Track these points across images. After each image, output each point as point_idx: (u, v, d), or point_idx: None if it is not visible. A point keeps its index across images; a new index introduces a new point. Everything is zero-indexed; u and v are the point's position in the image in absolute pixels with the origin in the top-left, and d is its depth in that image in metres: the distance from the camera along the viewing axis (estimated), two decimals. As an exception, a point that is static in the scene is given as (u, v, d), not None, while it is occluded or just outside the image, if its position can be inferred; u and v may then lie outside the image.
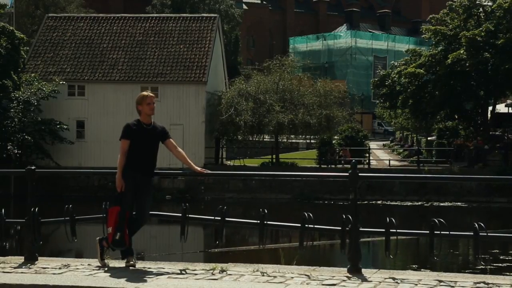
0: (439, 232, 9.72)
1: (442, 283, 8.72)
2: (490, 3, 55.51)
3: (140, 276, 9.13)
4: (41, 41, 55.86)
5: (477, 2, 56.05)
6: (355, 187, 9.56)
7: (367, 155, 54.72)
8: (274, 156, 54.38)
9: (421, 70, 54.63)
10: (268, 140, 55.49)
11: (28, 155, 47.87)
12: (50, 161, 48.52)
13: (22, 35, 53.09)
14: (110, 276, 9.18)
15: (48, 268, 9.83)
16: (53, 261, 10.38)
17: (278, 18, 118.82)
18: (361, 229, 9.48)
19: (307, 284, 8.68)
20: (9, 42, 50.25)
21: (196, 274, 9.31)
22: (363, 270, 9.22)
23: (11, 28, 52.67)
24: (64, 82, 51.72)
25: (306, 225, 10.03)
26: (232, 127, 52.71)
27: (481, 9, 55.57)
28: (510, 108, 57.06)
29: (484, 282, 8.82)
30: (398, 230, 9.76)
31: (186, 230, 10.34)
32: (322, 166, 51.24)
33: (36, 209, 10.35)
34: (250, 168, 49.77)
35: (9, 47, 50.02)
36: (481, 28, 52.77)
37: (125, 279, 8.90)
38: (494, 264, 21.22)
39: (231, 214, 10.75)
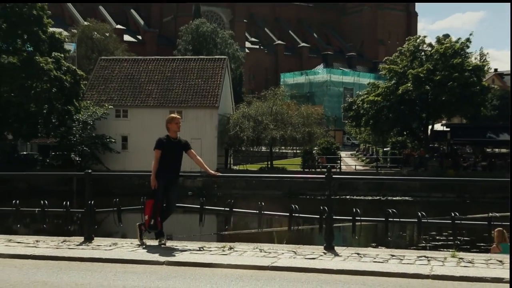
0: (391, 219, 9.80)
1: (394, 257, 8.78)
2: (429, 49, 55.65)
3: (169, 251, 9.19)
4: (96, 77, 55.96)
5: (420, 48, 56.31)
6: (329, 186, 9.61)
7: (339, 161, 54.63)
8: (269, 162, 54.35)
9: (379, 98, 54.71)
10: (265, 150, 55.37)
11: (86, 161, 47.83)
12: (102, 166, 48.50)
13: (81, 73, 53.23)
14: (147, 252, 9.27)
15: (101, 245, 9.89)
16: (105, 240, 10.42)
17: (272, 59, 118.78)
18: (334, 217, 9.51)
19: (293, 258, 8.76)
20: (72, 78, 50.35)
21: (211, 251, 9.38)
22: (335, 247, 9.24)
23: (73, 67, 52.72)
24: (112, 107, 51.78)
25: (293, 214, 10.10)
26: (237, 140, 52.93)
27: (423, 53, 55.72)
28: (444, 127, 57.26)
29: (424, 256, 8.88)
30: (361, 218, 9.83)
31: (203, 218, 10.42)
32: (305, 170, 51.12)
33: (92, 202, 10.42)
34: (251, 171, 49.75)
35: (72, 82, 50.11)
36: (423, 67, 52.90)
37: (158, 254, 9.00)
38: (432, 243, 21.22)
39: (236, 206, 10.76)
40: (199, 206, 10.89)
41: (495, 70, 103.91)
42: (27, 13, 49.89)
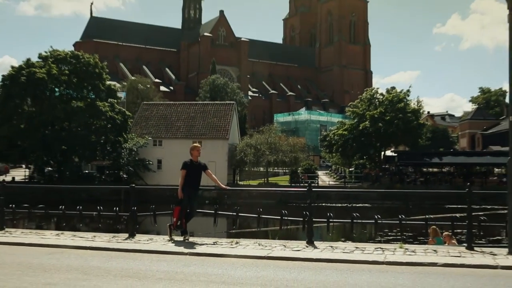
0: (355, 221, 9.72)
1: (357, 248, 8.75)
2: (381, 97, 55.96)
3: (191, 245, 9.16)
4: (139, 116, 56.11)
5: (374, 96, 56.68)
6: (310, 196, 9.57)
7: (317, 178, 54.53)
8: (265, 179, 54.32)
9: (346, 132, 54.98)
10: (262, 170, 55.42)
11: (130, 178, 47.71)
12: (142, 181, 48.42)
13: (129, 113, 53.40)
14: (175, 245, 9.22)
15: (141, 240, 9.83)
16: (143, 236, 10.36)
17: (268, 104, 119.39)
18: (313, 219, 9.46)
19: (284, 250, 8.75)
20: (122, 117, 50.56)
21: (222, 245, 9.36)
22: (315, 242, 9.21)
23: (123, 109, 52.95)
24: (150, 138, 51.98)
25: (283, 217, 10.00)
26: (242, 162, 53.12)
27: (376, 100, 56.00)
28: (393, 153, 57.37)
29: (380, 248, 8.86)
30: (333, 220, 9.74)
31: (216, 220, 10.36)
32: (292, 184, 50.99)
33: (135, 208, 10.35)
34: (252, 186, 49.73)
35: (122, 120, 50.31)
36: (377, 110, 53.22)
37: (183, 247, 8.97)
38: (385, 238, 21.01)
39: (241, 211, 10.65)
40: (213, 211, 10.82)
41: (428, 112, 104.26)
42: (91, 71, 50.35)
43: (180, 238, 9.74)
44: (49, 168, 50.47)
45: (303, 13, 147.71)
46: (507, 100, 69.83)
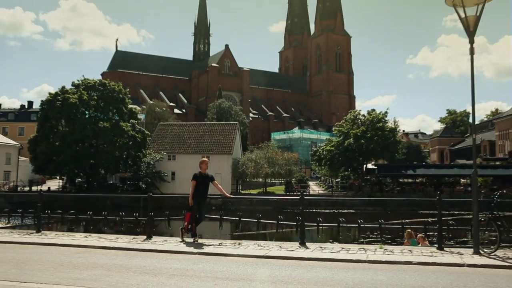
0: (342, 225, 9.67)
1: (343, 249, 8.68)
2: (363, 118, 55.85)
3: (200, 246, 9.08)
4: (156, 135, 56.05)
5: (357, 117, 56.59)
6: (302, 203, 9.52)
7: (308, 188, 54.42)
8: (264, 188, 54.12)
9: (333, 148, 54.74)
10: (261, 181, 55.26)
11: (148, 188, 47.52)
12: (158, 191, 48.25)
13: (148, 132, 53.40)
14: (186, 246, 9.13)
15: (157, 241, 9.75)
16: (159, 238, 10.29)
17: (266, 124, 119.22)
18: (305, 223, 9.41)
19: (279, 250, 8.67)
20: (142, 136, 50.61)
21: (226, 245, 9.27)
22: (306, 243, 9.13)
23: (143, 129, 53.03)
24: (165, 154, 51.87)
25: (279, 222, 9.96)
26: (244, 174, 52.97)
27: (359, 120, 55.89)
28: (373, 166, 57.19)
29: (363, 248, 8.81)
30: (322, 224, 9.70)
31: (222, 224, 10.33)
32: (287, 193, 50.75)
33: (152, 213, 10.30)
34: (253, 194, 49.51)
35: (141, 138, 50.35)
36: (359, 129, 53.19)
37: (192, 247, 8.89)
38: (367, 239, 20.87)
39: (243, 216, 10.63)
40: (219, 216, 10.79)
41: (403, 131, 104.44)
42: (116, 96, 50.56)
43: (191, 240, 9.68)
44: (79, 179, 50.35)
45: (296, 46, 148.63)
46: (470, 120, 70.45)
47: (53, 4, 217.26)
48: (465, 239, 19.46)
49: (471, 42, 8.32)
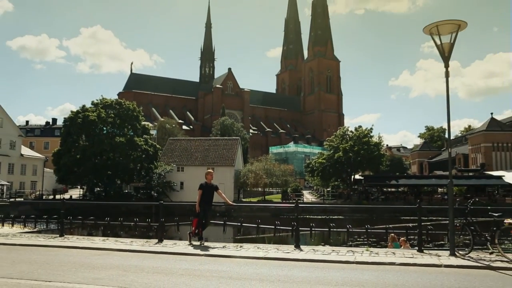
0: (332, 229, 9.65)
1: (334, 251, 8.66)
2: (351, 133, 55.82)
3: (206, 248, 9.05)
4: (166, 149, 55.78)
5: (346, 133, 56.53)
6: (297, 210, 9.51)
7: (302, 196, 54.18)
8: (263, 197, 53.78)
9: (324, 161, 54.56)
10: (260, 190, 55.03)
11: (159, 196, 47.38)
12: (169, 199, 48.09)
13: (159, 147, 53.36)
14: (193, 248, 9.11)
15: (167, 244, 9.71)
16: (169, 242, 10.24)
17: (264, 139, 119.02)
18: (300, 228, 9.39)
19: (277, 252, 8.64)
20: (154, 149, 50.58)
21: (229, 248, 9.23)
22: (301, 246, 9.11)
23: (154, 143, 52.90)
24: (175, 165, 51.66)
25: (277, 227, 9.95)
26: (245, 184, 52.59)
27: (347, 136, 55.82)
28: (360, 176, 56.98)
29: (351, 250, 8.77)
30: (315, 229, 9.69)
31: (225, 229, 10.29)
32: (283, 201, 50.47)
33: (163, 219, 10.28)
34: (253, 202, 49.31)
35: (153, 151, 50.32)
36: (348, 143, 53.20)
37: (199, 250, 8.87)
38: (355, 242, 20.78)
39: (244, 222, 10.61)
40: (223, 222, 10.77)
41: (387, 145, 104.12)
42: (130, 114, 50.65)
43: (197, 243, 9.64)
44: (98, 189, 50.16)
45: (291, 70, 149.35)
46: (446, 135, 70.71)
47: (75, 32, 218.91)
48: (442, 242, 19.37)
49: (446, 66, 8.43)
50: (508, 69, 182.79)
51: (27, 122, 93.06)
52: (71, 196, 49.84)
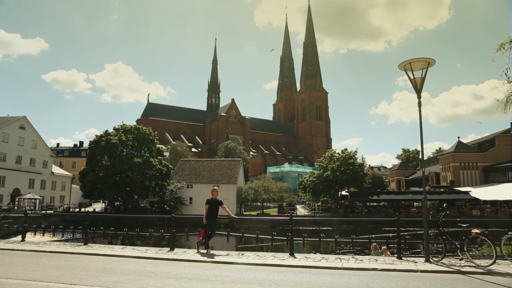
0: (323, 239, 9.58)
1: (324, 258, 8.58)
2: (337, 155, 55.71)
3: (212, 256, 8.96)
4: (178, 168, 55.61)
5: (333, 155, 56.34)
6: (291, 222, 9.47)
7: (296, 210, 53.78)
8: (262, 210, 53.35)
9: (315, 179, 54.29)
10: (259, 204, 54.64)
11: (171, 210, 47.02)
12: (179, 212, 47.64)
13: (171, 166, 53.13)
14: (200, 256, 9.02)
15: (178, 252, 9.63)
16: (180, 250, 10.14)
17: (263, 160, 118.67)
18: (294, 238, 9.32)
19: (274, 259, 8.57)
20: (166, 169, 50.37)
21: (232, 256, 9.14)
22: (295, 254, 9.03)
23: (167, 163, 52.72)
24: (185, 183, 51.38)
25: (274, 237, 9.87)
26: (245, 199, 52.18)
27: (335, 157, 55.70)
28: (346, 192, 56.58)
29: (339, 258, 8.69)
30: (307, 238, 9.61)
31: (228, 238, 10.18)
32: (279, 214, 50.11)
33: (174, 230, 10.20)
34: (253, 215, 48.86)
35: (166, 170, 50.13)
36: (335, 164, 53.11)
37: (206, 257, 8.78)
38: (342, 251, 20.51)
39: (245, 232, 10.53)
40: (226, 233, 10.69)
41: (369, 165, 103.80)
42: (147, 138, 50.77)
43: (204, 251, 9.55)
44: (118, 203, 49.80)
45: (286, 100, 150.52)
46: (420, 156, 70.57)
47: (100, 67, 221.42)
48: (418, 250, 19.13)
49: (419, 97, 8.56)
50: (470, 99, 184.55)
51: (57, 144, 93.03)
52: (94, 209, 49.42)
